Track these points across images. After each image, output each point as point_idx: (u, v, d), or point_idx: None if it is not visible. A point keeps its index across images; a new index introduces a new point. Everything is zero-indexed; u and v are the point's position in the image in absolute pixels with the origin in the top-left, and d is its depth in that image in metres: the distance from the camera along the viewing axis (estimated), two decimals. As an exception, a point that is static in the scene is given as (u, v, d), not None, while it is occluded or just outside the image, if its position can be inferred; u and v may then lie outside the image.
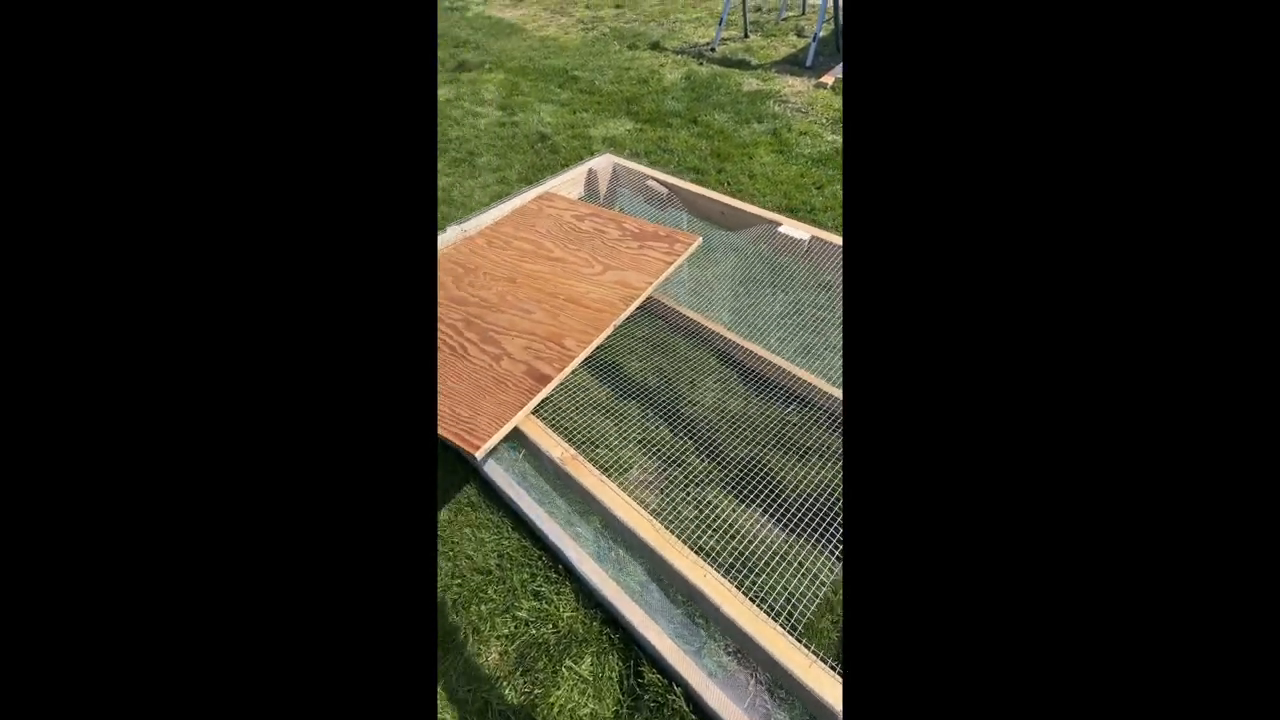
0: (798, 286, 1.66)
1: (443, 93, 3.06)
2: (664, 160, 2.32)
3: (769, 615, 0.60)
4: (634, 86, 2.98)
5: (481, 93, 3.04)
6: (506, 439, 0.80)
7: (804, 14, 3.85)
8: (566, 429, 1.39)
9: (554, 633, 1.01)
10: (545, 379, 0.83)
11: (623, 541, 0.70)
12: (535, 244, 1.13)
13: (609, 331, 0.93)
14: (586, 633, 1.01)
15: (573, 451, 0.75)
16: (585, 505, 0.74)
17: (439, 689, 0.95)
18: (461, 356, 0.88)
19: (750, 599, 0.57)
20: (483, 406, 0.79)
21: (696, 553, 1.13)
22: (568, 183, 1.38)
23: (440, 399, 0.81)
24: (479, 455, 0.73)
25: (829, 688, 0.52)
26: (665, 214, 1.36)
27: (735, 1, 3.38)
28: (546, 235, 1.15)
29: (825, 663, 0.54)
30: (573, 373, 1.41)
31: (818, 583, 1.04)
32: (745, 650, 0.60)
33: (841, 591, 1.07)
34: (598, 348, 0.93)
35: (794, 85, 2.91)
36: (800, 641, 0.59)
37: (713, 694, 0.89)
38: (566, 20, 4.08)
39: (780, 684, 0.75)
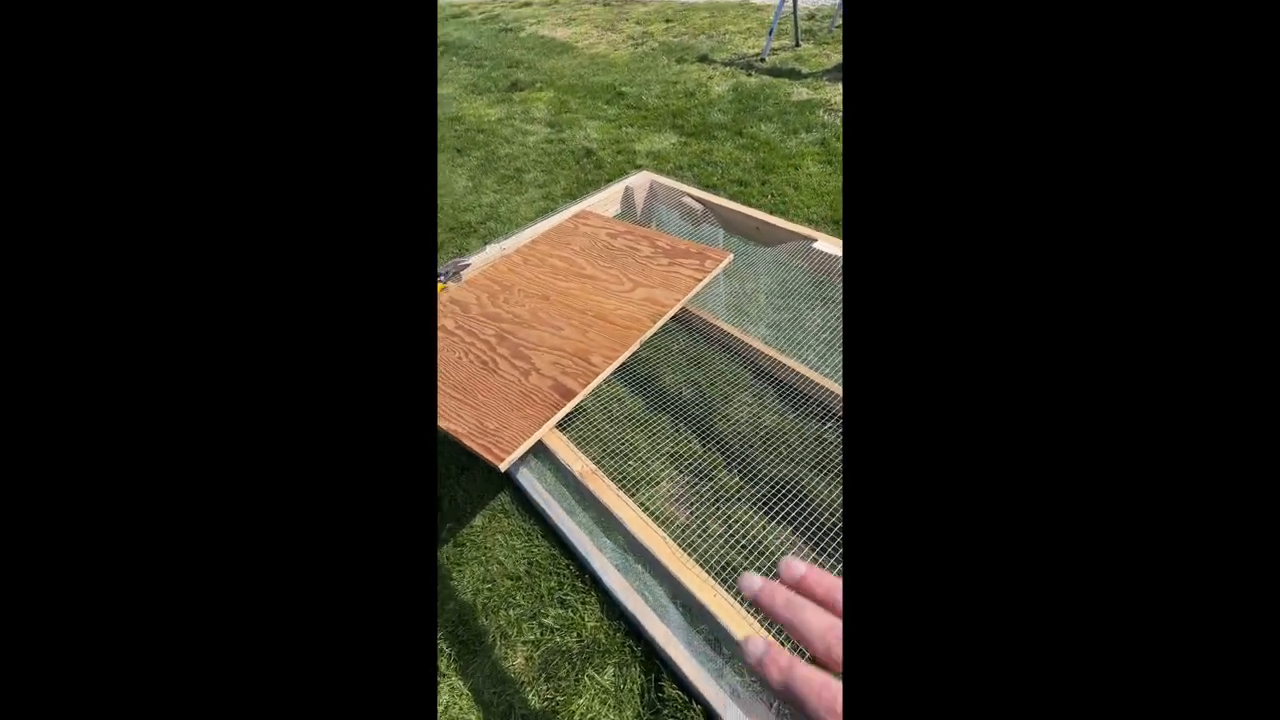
0: (838, 301, 1.62)
1: (494, 112, 3.19)
2: (707, 174, 2.33)
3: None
4: (680, 100, 3.00)
5: (531, 111, 3.15)
6: (533, 451, 0.83)
7: (857, 20, 3.76)
8: (599, 439, 1.42)
9: (578, 641, 1.03)
10: (570, 394, 0.86)
11: (641, 559, 0.72)
12: (569, 261, 1.16)
13: (635, 348, 0.94)
14: (609, 643, 1.02)
15: (593, 466, 0.77)
16: (605, 520, 0.76)
17: (466, 690, 0.99)
18: (493, 371, 0.92)
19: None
20: (509, 420, 0.83)
21: (723, 570, 1.12)
22: (605, 200, 1.41)
23: (470, 411, 0.85)
24: (502, 467, 0.76)
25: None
26: (700, 230, 1.37)
27: (786, 10, 3.35)
28: (580, 253, 1.18)
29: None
30: (607, 384, 1.43)
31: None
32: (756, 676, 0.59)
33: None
34: (631, 361, 0.94)
35: (844, 93, 2.85)
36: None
37: (733, 715, 0.88)
38: (616, 37, 4.17)
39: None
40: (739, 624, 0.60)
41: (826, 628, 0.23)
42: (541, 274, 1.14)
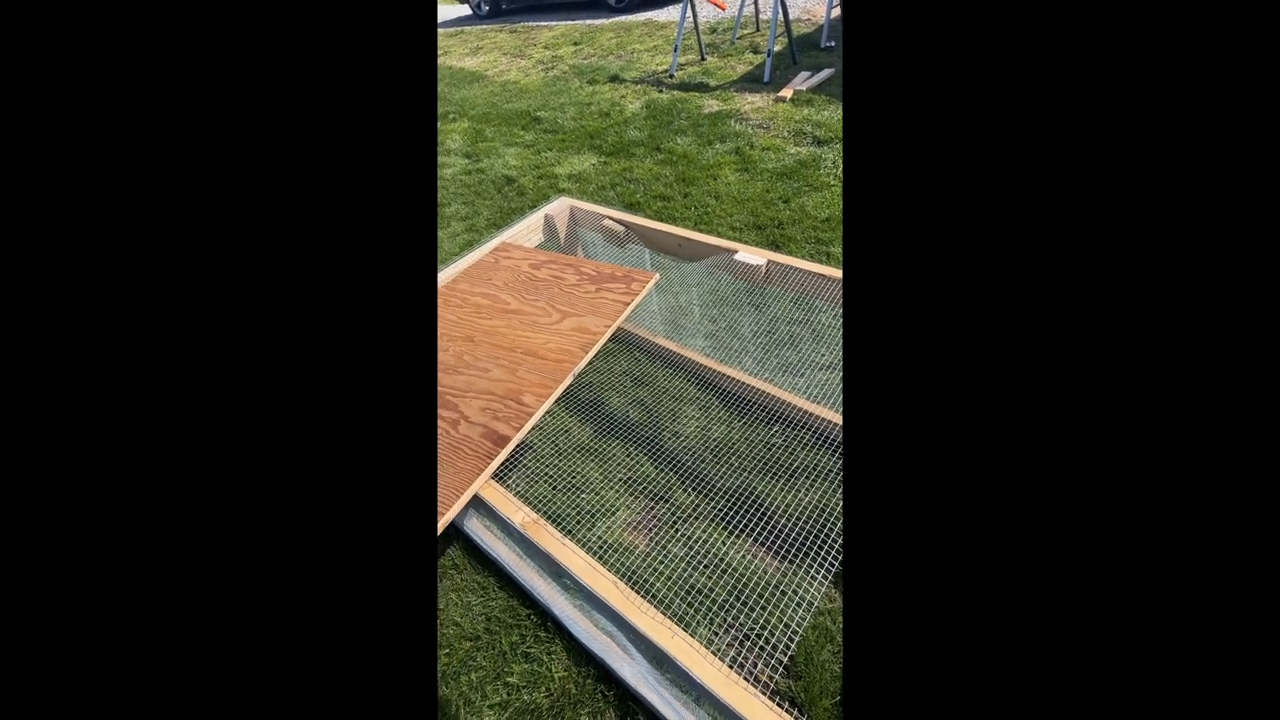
0: (770, 304, 1.65)
1: (407, 148, 3.11)
2: (629, 191, 2.34)
3: (764, 653, 0.58)
4: (596, 121, 3.02)
5: (446, 143, 3.09)
6: (471, 504, 0.79)
7: (758, 30, 3.93)
8: (549, 476, 1.37)
9: (547, 696, 0.97)
10: (503, 440, 0.82)
11: (595, 606, 0.68)
12: (492, 298, 1.12)
13: (568, 382, 0.91)
14: (580, 693, 0.97)
15: (534, 516, 0.74)
16: (554, 569, 0.72)
17: (431, 771, 0.92)
18: (419, 425, 0.87)
19: (745, 638, 0.55)
20: (440, 478, 0.78)
21: (687, 593, 1.10)
22: (526, 230, 1.38)
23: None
24: (436, 531, 0.71)
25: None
26: (626, 251, 1.36)
27: (689, 26, 3.45)
28: (504, 287, 1.15)
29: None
30: (553, 416, 1.39)
31: (814, 611, 1.01)
32: (723, 716, 0.57)
33: (840, 620, 1.04)
34: (575, 388, 0.91)
35: (754, 102, 2.95)
36: (783, 701, 0.56)
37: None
38: (526, 62, 4.17)
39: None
40: (699, 665, 0.57)
41: None
42: (464, 314, 1.09)
